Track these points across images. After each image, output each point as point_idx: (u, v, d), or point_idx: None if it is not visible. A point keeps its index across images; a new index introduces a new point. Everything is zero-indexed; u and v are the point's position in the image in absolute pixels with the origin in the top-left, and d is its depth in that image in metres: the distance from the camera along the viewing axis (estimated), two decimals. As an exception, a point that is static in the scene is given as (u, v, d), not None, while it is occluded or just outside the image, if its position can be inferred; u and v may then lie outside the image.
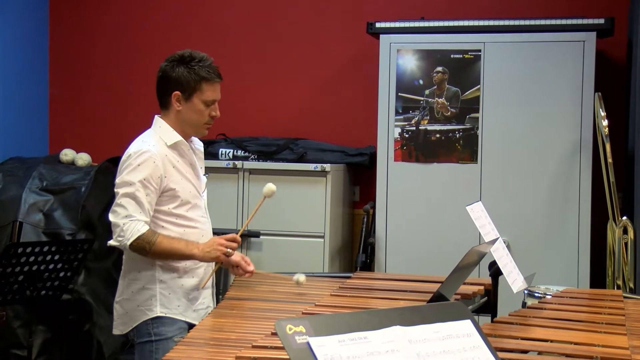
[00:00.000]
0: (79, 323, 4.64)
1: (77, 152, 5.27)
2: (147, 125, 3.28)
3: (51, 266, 3.95)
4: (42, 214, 4.72)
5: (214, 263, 3.22)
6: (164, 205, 3.11)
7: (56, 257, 3.95)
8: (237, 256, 3.26)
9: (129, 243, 2.99)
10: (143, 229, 2.99)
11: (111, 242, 3.06)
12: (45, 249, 3.91)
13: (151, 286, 3.12)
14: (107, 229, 4.78)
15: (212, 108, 3.17)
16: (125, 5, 5.84)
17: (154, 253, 3.02)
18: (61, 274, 4.01)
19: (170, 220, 3.12)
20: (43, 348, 4.57)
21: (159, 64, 3.27)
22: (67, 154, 5.24)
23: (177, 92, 3.12)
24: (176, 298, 3.15)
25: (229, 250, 3.10)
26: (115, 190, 3.08)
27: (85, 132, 5.85)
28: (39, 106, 5.92)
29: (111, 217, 3.06)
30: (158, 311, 3.12)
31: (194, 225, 3.18)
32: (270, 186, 3.25)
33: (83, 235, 4.64)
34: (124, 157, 3.11)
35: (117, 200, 3.04)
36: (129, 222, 2.99)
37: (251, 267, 3.25)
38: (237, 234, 3.18)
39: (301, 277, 3.18)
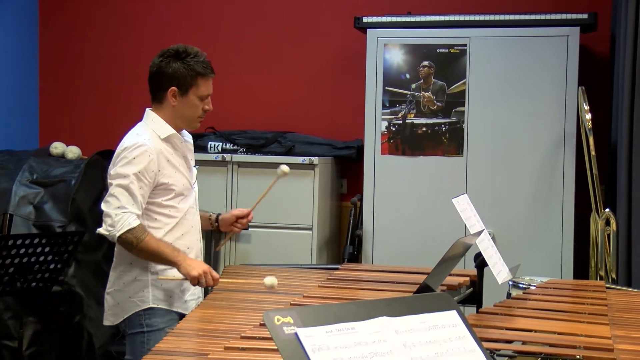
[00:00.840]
0: (70, 315, 4.62)
1: (67, 145, 5.25)
2: (137, 118, 3.27)
3: (41, 258, 3.93)
4: (32, 206, 4.70)
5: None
6: (157, 197, 3.10)
7: (46, 250, 3.93)
8: (230, 214, 3.37)
9: (118, 234, 2.98)
10: (134, 222, 2.99)
11: (100, 231, 3.05)
12: (36, 241, 3.89)
13: (143, 277, 3.12)
14: (97, 222, 4.76)
15: (206, 102, 3.18)
16: (110, 2, 5.81)
17: (139, 250, 3.01)
18: (51, 266, 4.00)
19: (163, 212, 3.12)
20: (33, 339, 4.56)
21: (147, 57, 3.26)
22: (57, 147, 5.22)
23: (174, 88, 3.12)
24: (168, 289, 3.15)
25: (204, 283, 3.05)
26: (109, 181, 3.07)
27: (75, 126, 5.82)
28: (29, 100, 5.89)
29: (103, 207, 3.05)
30: (150, 302, 3.12)
31: (185, 217, 3.19)
32: (284, 168, 3.29)
33: (73, 228, 4.62)
34: (118, 150, 3.10)
35: (111, 190, 3.03)
36: (121, 213, 2.99)
37: (249, 214, 3.41)
38: (250, 209, 3.35)
39: (272, 281, 3.04)
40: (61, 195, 4.75)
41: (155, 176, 3.06)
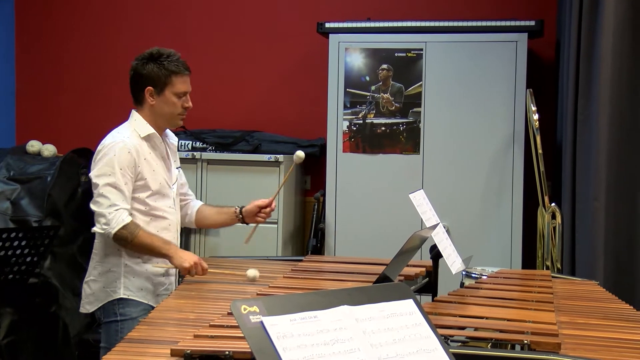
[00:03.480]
0: (46, 305, 4.58)
1: (43, 144, 5.19)
2: (111, 118, 3.27)
3: (18, 251, 3.88)
4: (9, 202, 4.63)
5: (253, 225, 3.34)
6: (134, 193, 3.08)
7: (23, 243, 3.89)
8: (253, 205, 3.38)
9: (114, 232, 2.97)
10: (127, 219, 2.99)
11: (96, 229, 3.04)
12: (13, 235, 3.84)
13: (116, 269, 3.11)
14: (72, 216, 4.74)
15: (184, 100, 3.19)
16: (85, 1, 5.75)
17: (134, 245, 3.01)
18: (28, 259, 3.95)
19: (138, 208, 3.10)
20: (10, 329, 4.49)
21: (121, 58, 3.26)
22: (33, 145, 5.16)
23: (150, 88, 3.13)
24: (139, 282, 3.13)
25: (194, 273, 3.03)
26: (94, 181, 3.04)
27: (51, 125, 5.75)
28: (6, 99, 5.80)
29: (95, 207, 3.02)
30: (121, 293, 3.11)
31: (162, 214, 3.17)
32: (299, 154, 3.29)
33: (49, 222, 4.57)
34: (98, 148, 3.09)
35: (99, 190, 3.01)
36: (114, 211, 2.97)
37: (272, 203, 3.41)
38: (271, 198, 3.36)
39: (254, 273, 3.05)
40: (37, 191, 4.70)
41: (135, 170, 3.05)
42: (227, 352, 1.97)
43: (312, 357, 1.33)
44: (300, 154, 3.34)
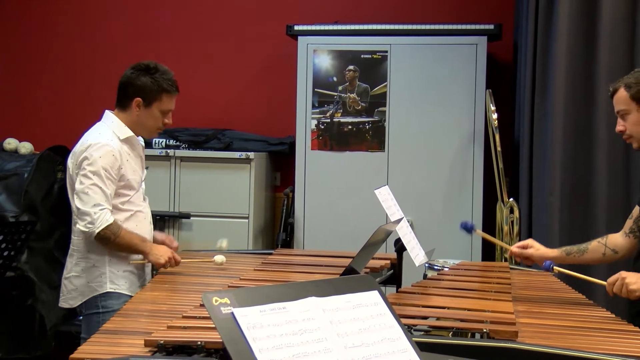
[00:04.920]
0: (23, 298, 4.53)
1: (20, 141, 5.14)
2: (87, 116, 3.23)
3: (-4, 246, 3.83)
4: (-14, 198, 4.58)
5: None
6: (116, 191, 3.07)
7: (0, 238, 3.83)
8: (162, 235, 3.28)
9: (97, 231, 2.95)
10: (111, 219, 2.98)
11: (79, 227, 3.01)
12: (-10, 230, 3.79)
13: (101, 265, 3.09)
14: (49, 212, 4.69)
15: (167, 116, 3.18)
16: (62, 2, 5.68)
17: (116, 244, 3.01)
18: (5, 253, 3.89)
19: (121, 207, 3.09)
20: (-12, 322, 4.45)
21: (93, 58, 3.21)
22: (10, 143, 5.09)
23: (139, 99, 3.10)
24: (123, 275, 3.12)
25: (168, 267, 3.07)
26: (80, 179, 3.00)
27: (28, 123, 5.67)
28: (-16, 98, 5.72)
29: (79, 205, 2.98)
30: (107, 287, 3.09)
31: (139, 209, 3.17)
32: (221, 258, 3.18)
33: (26, 218, 4.52)
34: (82, 147, 3.04)
35: (84, 189, 2.97)
36: (99, 211, 2.95)
37: (175, 244, 3.27)
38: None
39: (224, 244, 3.18)
40: (14, 188, 4.65)
41: (118, 172, 3.03)
42: (199, 343, 1.96)
43: (281, 347, 1.33)
44: (221, 258, 3.16)
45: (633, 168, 3.97)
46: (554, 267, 2.67)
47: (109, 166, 3.00)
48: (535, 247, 2.95)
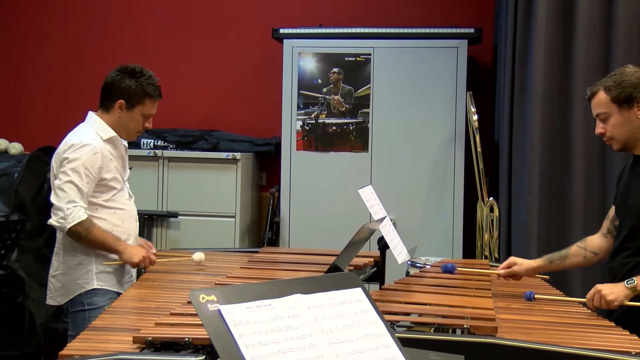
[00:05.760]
0: (13, 296, 4.50)
1: (10, 142, 5.10)
2: (74, 117, 3.21)
3: (-14, 245, 3.80)
4: (-23, 198, 4.54)
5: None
6: (99, 191, 3.06)
7: (-9, 237, 3.80)
8: (141, 241, 3.26)
9: (68, 227, 2.93)
10: (83, 216, 2.95)
11: (52, 222, 2.99)
12: (-20, 229, 3.76)
13: (87, 262, 3.08)
14: (39, 211, 4.66)
15: (148, 120, 3.17)
16: (52, 3, 5.64)
17: (87, 240, 2.99)
18: (-4, 252, 3.87)
19: (105, 205, 3.08)
20: (-22, 319, 4.41)
21: (83, 60, 3.20)
22: (0, 144, 5.06)
23: (122, 101, 3.10)
24: (109, 272, 3.11)
25: (143, 266, 3.05)
26: (58, 175, 2.99)
27: (18, 124, 5.64)
28: (-26, 100, 5.67)
29: (54, 200, 2.98)
30: (95, 284, 3.07)
31: (122, 207, 3.15)
32: (200, 255, 3.18)
33: (16, 217, 4.49)
34: (65, 147, 3.04)
35: (61, 185, 2.96)
36: (72, 207, 2.93)
37: (153, 250, 3.24)
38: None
39: (199, 256, 3.15)
40: (5, 188, 4.62)
41: (99, 172, 3.02)
42: (186, 339, 1.96)
43: (267, 343, 1.33)
44: (200, 256, 3.17)
45: (609, 168, 3.99)
46: (535, 296, 2.67)
47: (90, 165, 2.99)
48: (518, 264, 2.95)
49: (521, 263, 2.95)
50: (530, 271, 2.95)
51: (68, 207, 2.93)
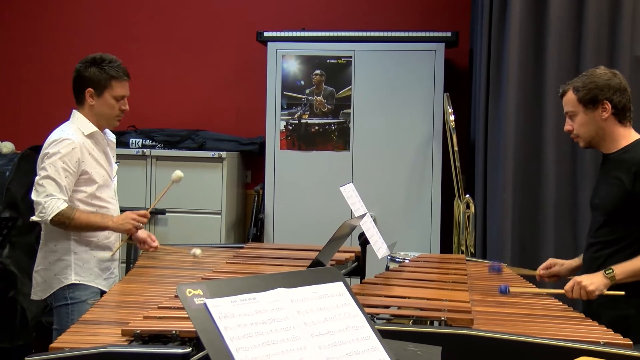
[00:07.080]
0: (4, 291, 4.46)
1: (2, 141, 5.06)
2: (65, 116, 3.18)
3: (-22, 241, 3.77)
4: (-31, 195, 4.50)
5: (121, 237, 3.18)
6: (80, 186, 3.03)
7: (-17, 234, 3.77)
8: (143, 233, 3.25)
9: (49, 219, 2.91)
10: (62, 206, 2.92)
11: (33, 218, 2.98)
12: (-27, 226, 3.72)
13: (66, 257, 3.05)
14: (30, 208, 4.60)
15: (122, 103, 3.13)
16: (41, 4, 5.59)
17: (73, 226, 2.97)
18: (-13, 248, 3.84)
19: (85, 200, 3.05)
20: (-30, 313, 4.37)
21: (72, 61, 3.18)
22: (-8, 143, 5.02)
23: (90, 89, 3.07)
24: (89, 268, 3.08)
25: (139, 224, 3.06)
26: (38, 172, 2.98)
27: (9, 123, 5.59)
28: (-34, 100, 5.61)
29: (33, 196, 2.97)
30: (73, 279, 3.05)
31: (105, 205, 3.12)
32: (178, 173, 3.21)
33: (7, 214, 4.45)
34: (46, 143, 3.03)
35: (39, 180, 2.96)
36: (49, 200, 2.91)
37: (155, 243, 3.25)
38: (147, 210, 3.15)
39: (197, 251, 3.14)
40: (-4, 186, 4.57)
41: (79, 165, 3.00)
42: (174, 332, 1.95)
43: (251, 335, 1.33)
44: (179, 173, 3.18)
45: (579, 165, 4.03)
46: (510, 289, 2.67)
47: (68, 159, 2.96)
48: (559, 264, 2.95)
49: (562, 263, 2.95)
50: (572, 271, 2.93)
51: (46, 200, 2.92)
